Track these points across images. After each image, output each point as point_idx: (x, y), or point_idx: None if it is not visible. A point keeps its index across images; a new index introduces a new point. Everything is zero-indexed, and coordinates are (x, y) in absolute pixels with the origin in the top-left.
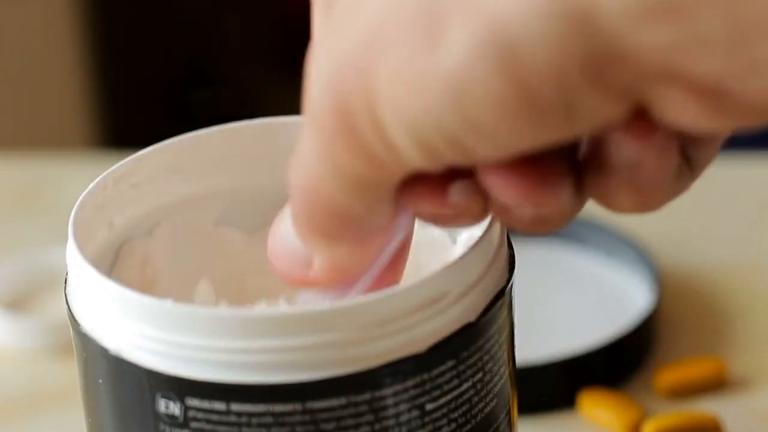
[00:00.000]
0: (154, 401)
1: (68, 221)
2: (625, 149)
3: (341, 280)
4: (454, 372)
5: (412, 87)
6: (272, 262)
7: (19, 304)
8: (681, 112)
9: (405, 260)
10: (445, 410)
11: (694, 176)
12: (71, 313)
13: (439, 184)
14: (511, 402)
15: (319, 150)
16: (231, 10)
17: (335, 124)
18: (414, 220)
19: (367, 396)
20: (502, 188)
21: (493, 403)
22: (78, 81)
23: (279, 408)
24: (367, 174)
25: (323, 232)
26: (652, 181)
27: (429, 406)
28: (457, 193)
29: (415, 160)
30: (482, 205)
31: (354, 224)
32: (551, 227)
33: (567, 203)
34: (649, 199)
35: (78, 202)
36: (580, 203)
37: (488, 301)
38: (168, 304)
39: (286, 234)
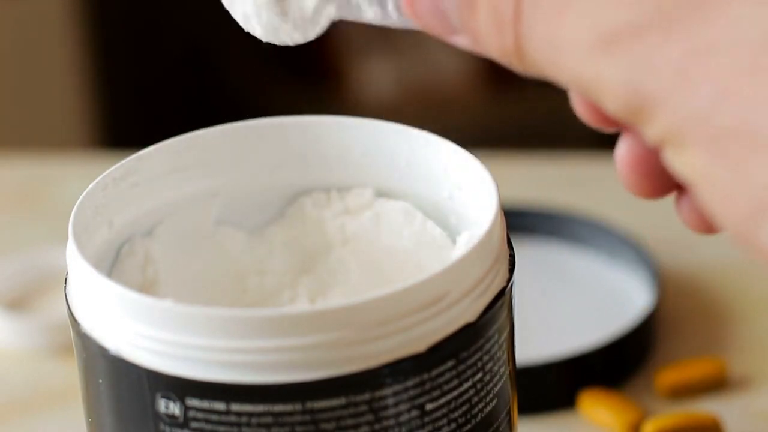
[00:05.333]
0: (154, 401)
1: (68, 221)
2: None
3: None
4: (454, 372)
5: None
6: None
7: (19, 304)
8: None
9: None
10: (445, 410)
11: None
12: (71, 313)
13: None
14: (511, 402)
15: None
16: None
17: None
18: None
19: (367, 396)
20: None
21: (493, 403)
22: (78, 81)
23: (279, 408)
24: None
25: None
26: None
27: (429, 406)
28: None
29: None
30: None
31: None
32: None
33: None
34: None
35: (78, 202)
36: None
37: (488, 302)
38: (168, 304)
39: None
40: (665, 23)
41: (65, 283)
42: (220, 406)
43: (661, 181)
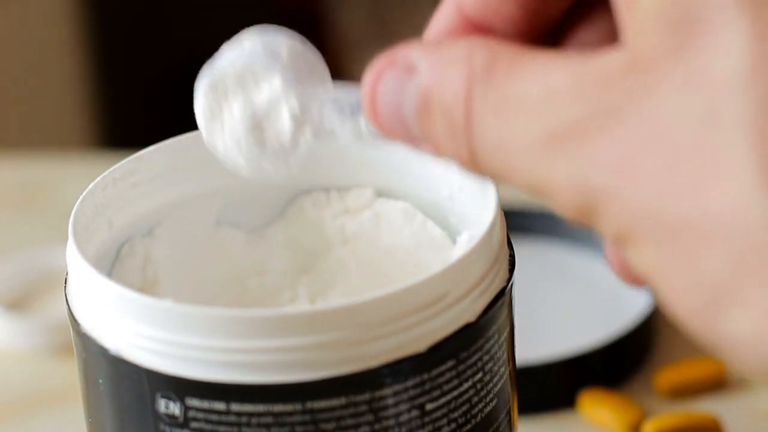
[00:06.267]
0: (154, 401)
1: (68, 221)
2: None
3: None
4: (454, 372)
5: None
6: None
7: (19, 304)
8: None
9: None
10: (445, 410)
11: None
12: (71, 313)
13: None
14: (511, 402)
15: None
16: (232, 10)
17: None
18: None
19: (367, 396)
20: None
21: (493, 403)
22: (78, 81)
23: (279, 408)
24: None
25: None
26: None
27: (429, 406)
28: None
29: None
30: None
31: None
32: None
33: None
34: None
35: (78, 202)
36: None
37: (488, 301)
38: (168, 304)
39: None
40: (604, 117)
41: (65, 283)
42: (220, 406)
43: None
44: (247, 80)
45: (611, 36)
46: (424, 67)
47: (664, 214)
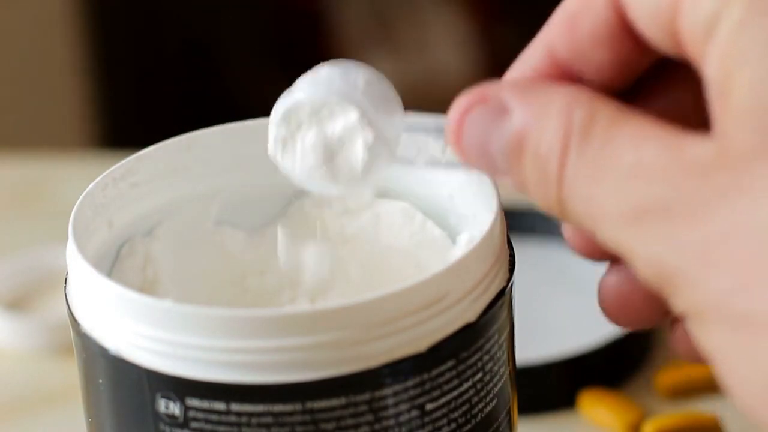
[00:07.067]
0: (154, 401)
1: (68, 221)
2: None
3: None
4: (454, 372)
5: None
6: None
7: (19, 304)
8: None
9: None
10: (445, 410)
11: None
12: (71, 313)
13: None
14: (511, 402)
15: None
16: (232, 10)
17: None
18: None
19: (367, 396)
20: None
21: (493, 403)
22: (78, 81)
23: (279, 408)
24: None
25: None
26: None
27: (429, 406)
28: None
29: None
30: None
31: None
32: None
33: None
34: None
35: (78, 202)
36: None
37: (488, 302)
38: (168, 304)
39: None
40: (690, 205)
41: (65, 283)
42: (220, 406)
43: (642, 315)
44: (322, 111)
45: (689, 104)
46: (518, 111)
47: (736, 306)
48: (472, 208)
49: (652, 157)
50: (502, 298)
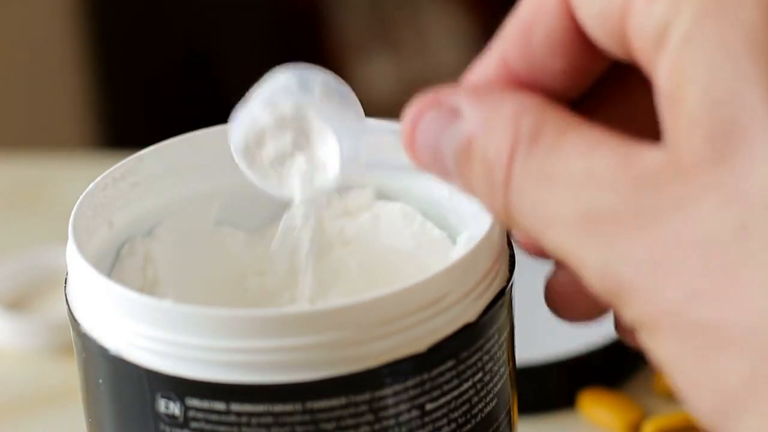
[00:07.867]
0: (154, 401)
1: (68, 221)
2: None
3: None
4: (454, 372)
5: None
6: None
7: (19, 304)
8: None
9: None
10: (445, 410)
11: None
12: (71, 313)
13: None
14: (511, 402)
15: None
16: (232, 10)
17: None
18: None
19: (367, 396)
20: None
21: (493, 403)
22: (78, 81)
23: (279, 408)
24: None
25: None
26: None
27: (429, 406)
28: None
29: None
30: None
31: None
32: None
33: None
34: None
35: (78, 202)
36: None
37: (488, 301)
38: (168, 304)
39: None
40: (640, 214)
41: (65, 283)
42: (220, 406)
43: (590, 312)
44: (280, 115)
45: (647, 106)
46: (469, 115)
47: (689, 316)
48: (472, 208)
49: (601, 166)
50: (503, 298)
